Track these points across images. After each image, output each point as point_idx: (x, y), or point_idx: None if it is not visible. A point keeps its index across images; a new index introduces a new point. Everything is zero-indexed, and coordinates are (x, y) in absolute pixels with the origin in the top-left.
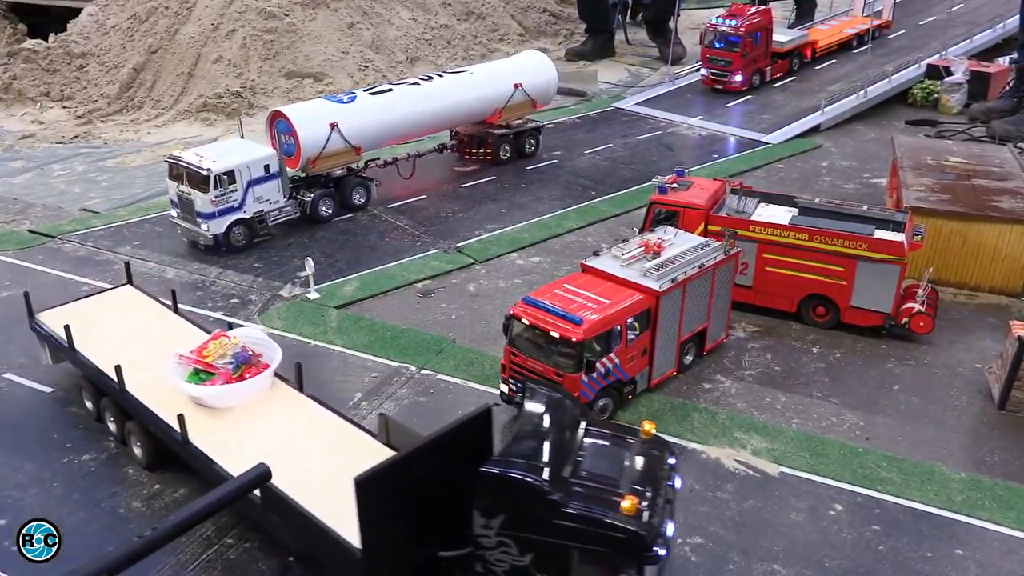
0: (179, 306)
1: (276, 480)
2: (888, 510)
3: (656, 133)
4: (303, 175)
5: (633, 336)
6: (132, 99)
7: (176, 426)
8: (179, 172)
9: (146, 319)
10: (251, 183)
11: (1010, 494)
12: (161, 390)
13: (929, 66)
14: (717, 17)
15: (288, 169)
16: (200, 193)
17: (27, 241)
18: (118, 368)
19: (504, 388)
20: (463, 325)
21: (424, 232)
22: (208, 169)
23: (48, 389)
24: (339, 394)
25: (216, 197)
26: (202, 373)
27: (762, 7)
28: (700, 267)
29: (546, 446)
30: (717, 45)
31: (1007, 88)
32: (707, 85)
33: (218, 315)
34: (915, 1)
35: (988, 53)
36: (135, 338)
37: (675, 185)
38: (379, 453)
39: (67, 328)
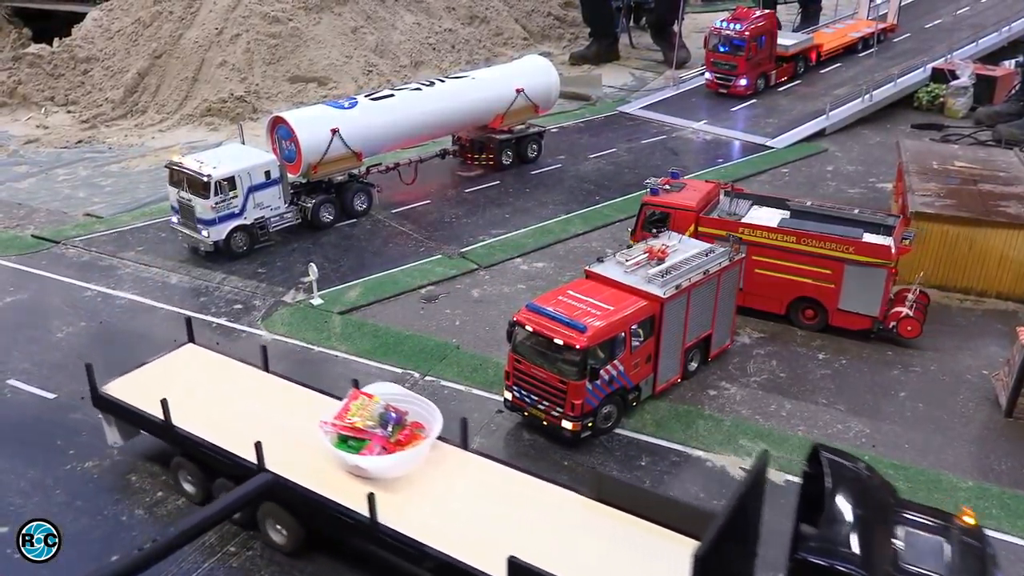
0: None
1: (524, 556)
2: None
3: (660, 137)
4: (304, 181)
5: (637, 343)
6: (136, 104)
7: (354, 507)
8: (179, 178)
9: (237, 383)
10: (252, 189)
11: (1018, 502)
12: (306, 464)
13: (934, 70)
14: (722, 21)
15: (289, 175)
16: (200, 199)
17: (31, 246)
18: (258, 445)
19: (508, 395)
20: (467, 331)
21: (428, 237)
22: (208, 175)
23: (51, 395)
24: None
25: (216, 203)
26: (351, 440)
27: (767, 11)
28: (704, 273)
29: (863, 531)
30: (722, 49)
31: (1013, 92)
32: (711, 89)
33: (222, 320)
34: (920, 4)
35: (994, 56)
36: (239, 406)
37: (668, 187)
38: (596, 510)
39: (164, 403)
